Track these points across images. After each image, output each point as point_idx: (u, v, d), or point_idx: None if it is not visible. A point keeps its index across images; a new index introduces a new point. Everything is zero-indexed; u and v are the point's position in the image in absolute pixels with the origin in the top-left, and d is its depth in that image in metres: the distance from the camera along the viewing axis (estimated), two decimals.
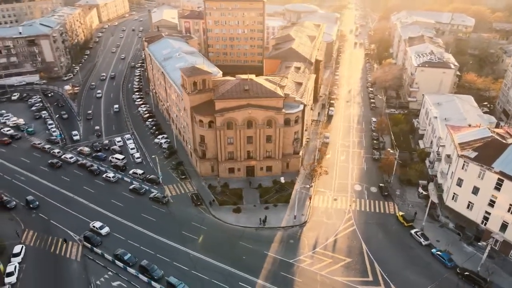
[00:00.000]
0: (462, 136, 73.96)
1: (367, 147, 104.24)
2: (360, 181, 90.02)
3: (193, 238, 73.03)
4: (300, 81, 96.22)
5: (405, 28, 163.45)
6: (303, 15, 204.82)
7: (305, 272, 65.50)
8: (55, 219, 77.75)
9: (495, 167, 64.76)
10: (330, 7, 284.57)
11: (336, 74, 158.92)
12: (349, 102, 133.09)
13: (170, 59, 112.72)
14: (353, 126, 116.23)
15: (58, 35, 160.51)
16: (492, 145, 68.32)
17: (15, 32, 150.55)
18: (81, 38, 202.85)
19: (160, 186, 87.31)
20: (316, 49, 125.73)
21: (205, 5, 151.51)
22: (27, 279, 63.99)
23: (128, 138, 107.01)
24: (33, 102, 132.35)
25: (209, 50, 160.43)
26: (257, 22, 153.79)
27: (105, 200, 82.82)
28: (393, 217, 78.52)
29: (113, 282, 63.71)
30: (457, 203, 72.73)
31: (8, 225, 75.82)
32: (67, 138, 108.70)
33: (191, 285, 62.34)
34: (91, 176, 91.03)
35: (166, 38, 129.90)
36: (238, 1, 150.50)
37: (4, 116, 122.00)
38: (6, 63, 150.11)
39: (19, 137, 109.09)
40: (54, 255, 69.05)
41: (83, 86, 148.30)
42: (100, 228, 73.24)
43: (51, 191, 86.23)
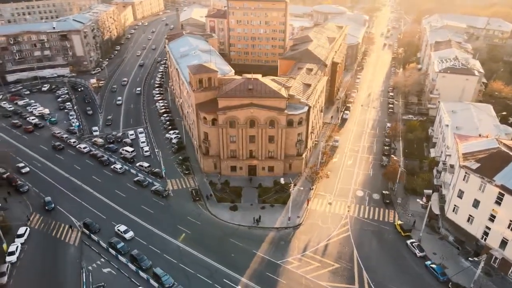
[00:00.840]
0: (467, 146, 70.80)
1: (377, 152, 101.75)
2: (363, 187, 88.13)
3: (186, 232, 74.50)
4: (309, 83, 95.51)
5: (433, 32, 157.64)
6: (331, 17, 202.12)
7: (291, 274, 65.19)
8: (61, 205, 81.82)
9: (497, 180, 61.57)
10: (363, 8, 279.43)
11: (357, 77, 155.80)
12: (366, 106, 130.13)
13: (186, 56, 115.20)
14: (366, 131, 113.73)
15: (89, 31, 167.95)
16: (497, 157, 64.94)
17: (49, 27, 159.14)
18: (114, 34, 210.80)
19: (163, 180, 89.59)
20: (333, 51, 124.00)
21: (229, 4, 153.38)
22: (26, 259, 67.97)
23: (140, 131, 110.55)
24: (60, 93, 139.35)
25: (231, 49, 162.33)
26: (279, 22, 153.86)
27: (110, 190, 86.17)
28: (391, 226, 76.43)
29: (104, 268, 66.34)
30: (457, 216, 69.75)
31: (18, 207, 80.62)
32: (88, 130, 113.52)
33: (176, 277, 63.77)
34: (100, 166, 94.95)
35: (186, 36, 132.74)
36: (261, 1, 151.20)
37: (32, 105, 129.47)
38: (40, 56, 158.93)
39: (42, 126, 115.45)
40: (54, 239, 72.79)
41: (108, 80, 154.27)
42: (124, 232, 72.59)
43: (62, 178, 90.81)
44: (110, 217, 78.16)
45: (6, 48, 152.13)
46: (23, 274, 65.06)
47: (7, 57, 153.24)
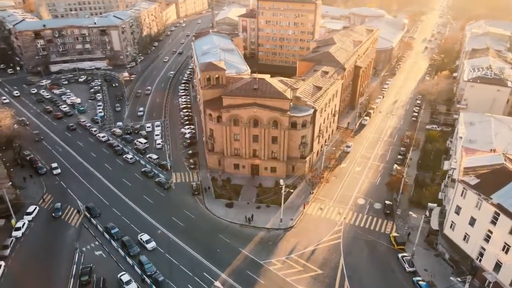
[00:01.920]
0: (472, 160, 66.77)
1: (390, 161, 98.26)
2: (366, 195, 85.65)
3: (180, 225, 76.64)
4: (320, 86, 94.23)
5: (473, 39, 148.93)
6: (368, 20, 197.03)
7: (271, 275, 65.11)
8: (72, 188, 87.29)
9: (494, 199, 57.59)
10: (408, 12, 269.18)
11: (387, 83, 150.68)
12: (389, 113, 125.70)
13: (206, 54, 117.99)
14: (383, 138, 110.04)
15: (127, 27, 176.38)
16: (499, 173, 60.67)
17: (91, 22, 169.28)
18: (153, 31, 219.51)
19: (169, 172, 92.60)
20: (356, 55, 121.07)
21: (258, 4, 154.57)
22: (30, 236, 73.40)
23: (157, 125, 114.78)
24: (93, 85, 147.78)
25: (259, 49, 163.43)
26: (308, 23, 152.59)
27: (117, 178, 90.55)
28: (386, 237, 73.71)
29: (96, 251, 70.04)
30: (454, 233, 66.00)
31: (33, 188, 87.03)
32: (113, 121, 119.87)
33: (159, 267, 65.97)
34: (114, 156, 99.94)
35: (212, 34, 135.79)
36: (291, 2, 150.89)
37: (66, 95, 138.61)
38: (81, 49, 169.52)
39: (70, 114, 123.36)
40: (59, 219, 77.82)
41: (140, 74, 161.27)
42: (146, 242, 70.19)
43: (77, 163, 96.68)
44: (112, 204, 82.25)
45: (51, 40, 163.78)
46: (24, 248, 70.34)
47: (52, 49, 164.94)
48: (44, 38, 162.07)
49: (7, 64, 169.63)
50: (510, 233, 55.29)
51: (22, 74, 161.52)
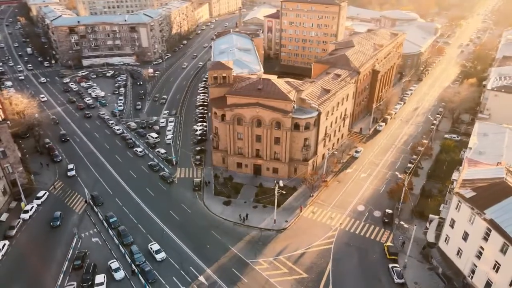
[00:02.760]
0: (472, 172, 63.75)
1: (399, 169, 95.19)
2: (367, 202, 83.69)
3: (175, 218, 78.52)
4: (328, 88, 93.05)
5: (506, 45, 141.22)
6: (398, 23, 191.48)
7: (255, 275, 65.34)
8: (81, 176, 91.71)
9: (487, 214, 54.72)
10: (448, 16, 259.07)
11: (410, 88, 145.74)
12: (407, 120, 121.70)
13: (223, 53, 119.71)
14: (396, 145, 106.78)
15: (156, 25, 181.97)
16: (497, 188, 57.54)
17: (122, 19, 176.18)
18: (184, 30, 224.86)
19: (174, 167, 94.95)
20: (375, 59, 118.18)
21: (282, 5, 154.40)
22: (36, 219, 77.94)
23: (171, 120, 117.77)
24: (118, 79, 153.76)
25: (281, 50, 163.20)
26: (331, 26, 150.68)
27: (125, 170, 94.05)
28: (381, 246, 71.76)
29: (93, 238, 73.27)
30: (448, 247, 63.32)
31: (47, 174, 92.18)
32: (132, 114, 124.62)
33: (148, 258, 67.96)
34: (125, 148, 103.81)
35: (232, 34, 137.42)
36: (314, 4, 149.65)
37: (92, 88, 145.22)
38: (112, 45, 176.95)
39: (93, 107, 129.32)
40: (65, 205, 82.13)
41: (164, 71, 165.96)
42: (156, 252, 67.96)
43: (91, 153, 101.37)
44: (115, 194, 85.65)
45: (84, 36, 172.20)
46: (29, 230, 74.83)
47: (85, 44, 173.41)
48: (78, 33, 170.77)
49: (44, 57, 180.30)
50: (501, 251, 52.32)
51: (57, 67, 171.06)
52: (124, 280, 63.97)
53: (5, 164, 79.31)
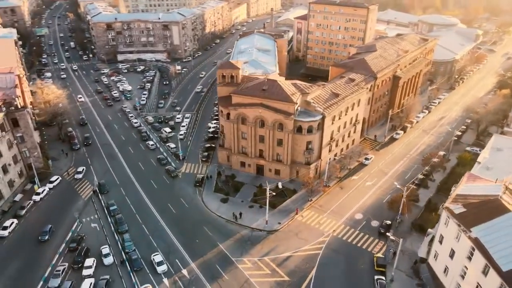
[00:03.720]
0: (468, 187, 60.42)
1: (408, 180, 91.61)
2: (366, 211, 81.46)
3: (172, 211, 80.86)
4: (338, 93, 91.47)
5: None
6: (436, 28, 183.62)
7: (237, 273, 65.93)
8: (94, 164, 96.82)
9: (473, 232, 51.75)
10: (497, 22, 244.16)
11: (439, 97, 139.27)
12: (428, 130, 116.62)
13: (242, 53, 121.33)
14: (411, 155, 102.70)
15: (188, 24, 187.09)
16: (489, 206, 54.19)
17: (156, 17, 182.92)
18: (218, 29, 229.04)
19: (181, 162, 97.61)
20: (397, 64, 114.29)
21: (310, 7, 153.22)
22: (46, 201, 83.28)
23: (187, 116, 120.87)
24: (146, 75, 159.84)
25: (308, 52, 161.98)
26: (358, 29, 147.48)
27: (135, 162, 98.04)
28: (371, 256, 69.72)
29: (92, 224, 77.22)
30: (436, 263, 60.52)
31: (63, 161, 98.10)
32: (154, 109, 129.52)
33: (138, 246, 70.76)
34: (139, 141, 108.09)
35: (255, 34, 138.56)
36: (343, 6, 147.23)
37: (121, 82, 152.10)
38: (145, 41, 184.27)
39: (118, 100, 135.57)
40: (74, 191, 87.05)
41: (191, 68, 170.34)
42: (158, 264, 65.88)
43: (107, 143, 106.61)
44: (121, 183, 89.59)
45: (120, 32, 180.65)
46: (38, 212, 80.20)
47: (120, 40, 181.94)
48: (114, 29, 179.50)
49: (84, 51, 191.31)
50: (483, 272, 49.28)
51: (93, 61, 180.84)
52: (112, 265, 66.95)
53: (22, 149, 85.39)
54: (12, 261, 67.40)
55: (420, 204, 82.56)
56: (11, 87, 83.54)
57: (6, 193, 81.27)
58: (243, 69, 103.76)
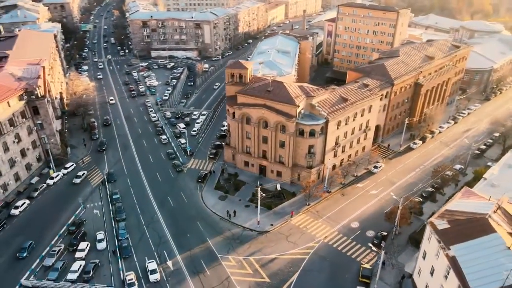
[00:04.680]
0: (458, 203, 57.33)
1: (417, 192, 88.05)
2: (364, 220, 79.24)
3: (170, 204, 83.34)
4: (347, 97, 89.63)
5: None
6: (477, 35, 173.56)
7: (219, 270, 66.82)
8: (108, 154, 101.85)
9: (452, 250, 49.13)
10: None
11: (469, 107, 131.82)
12: (449, 141, 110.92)
13: (262, 54, 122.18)
14: (425, 167, 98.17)
15: (220, 23, 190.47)
16: (474, 224, 51.15)
17: (189, 16, 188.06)
18: (252, 29, 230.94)
19: (189, 158, 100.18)
20: (419, 71, 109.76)
21: (339, 9, 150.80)
22: (58, 186, 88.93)
23: (203, 114, 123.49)
24: (174, 72, 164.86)
25: (335, 55, 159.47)
26: (387, 33, 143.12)
27: (145, 154, 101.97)
28: (358, 266, 67.93)
29: (95, 210, 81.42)
30: (419, 279, 57.92)
31: (81, 150, 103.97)
32: (176, 105, 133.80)
33: (132, 235, 73.86)
34: (154, 135, 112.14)
35: (279, 36, 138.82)
36: (372, 9, 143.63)
37: (149, 77, 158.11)
38: (178, 39, 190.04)
39: (143, 94, 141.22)
40: (85, 179, 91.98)
41: (219, 67, 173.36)
42: (151, 272, 64.30)
43: (123, 134, 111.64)
44: (129, 174, 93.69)
45: (155, 30, 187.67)
46: (49, 195, 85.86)
47: (154, 37, 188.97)
48: (149, 27, 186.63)
49: (122, 47, 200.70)
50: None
51: (129, 57, 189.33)
52: (104, 251, 70.35)
53: (42, 135, 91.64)
54: (18, 238, 72.66)
55: (423, 218, 78.97)
56: (34, 78, 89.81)
57: (23, 175, 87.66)
58: (257, 69, 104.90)
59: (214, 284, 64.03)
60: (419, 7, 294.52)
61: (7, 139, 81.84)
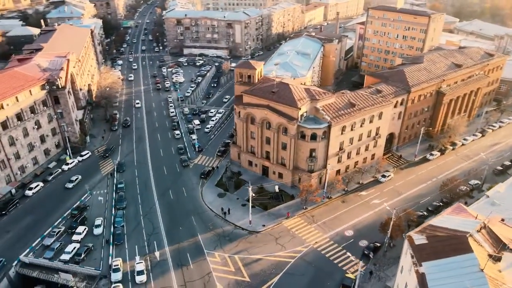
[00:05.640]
0: (445, 219, 54.39)
1: (422, 206, 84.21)
2: (359, 229, 77.09)
3: (170, 197, 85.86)
4: (355, 103, 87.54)
5: None
6: None
7: (203, 265, 68.03)
8: (123, 145, 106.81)
9: (423, 267, 46.92)
10: None
11: (501, 120, 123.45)
12: (472, 155, 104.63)
13: (282, 55, 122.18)
14: (438, 180, 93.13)
15: (252, 23, 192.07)
16: (454, 242, 48.38)
17: (221, 16, 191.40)
18: (287, 30, 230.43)
19: (197, 154, 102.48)
20: (441, 79, 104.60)
21: (368, 12, 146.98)
22: (72, 171, 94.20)
23: (220, 111, 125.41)
24: (202, 69, 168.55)
25: (362, 59, 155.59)
26: (418, 38, 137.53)
27: (157, 148, 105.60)
28: (342, 275, 66.35)
29: (100, 197, 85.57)
30: None
31: (98, 140, 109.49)
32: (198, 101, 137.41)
33: (128, 223, 77.10)
34: (169, 129, 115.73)
35: (303, 37, 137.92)
36: (403, 13, 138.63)
37: (177, 73, 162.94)
38: (210, 38, 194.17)
39: (167, 89, 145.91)
40: (97, 167, 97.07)
41: None
42: (138, 273, 64.06)
43: (140, 127, 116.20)
44: (138, 165, 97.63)
45: (188, 28, 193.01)
46: (62, 179, 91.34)
47: (187, 35, 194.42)
48: (183, 25, 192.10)
49: (157, 43, 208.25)
50: None
51: (162, 53, 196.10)
52: (99, 236, 73.97)
53: (61, 123, 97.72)
54: (28, 217, 78.21)
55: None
56: (58, 69, 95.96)
57: (41, 159, 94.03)
58: (272, 70, 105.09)
59: (195, 278, 65.34)
60: (469, 13, 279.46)
61: (27, 125, 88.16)
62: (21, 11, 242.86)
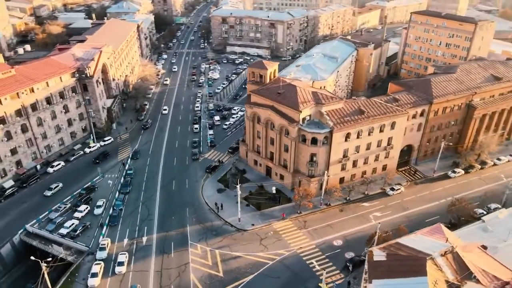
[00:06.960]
0: (416, 238, 51.32)
1: (429, 222, 78.41)
2: (349, 240, 74.44)
3: (171, 187, 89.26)
4: (364, 110, 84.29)
5: None
6: None
7: (183, 255, 70.12)
8: (143, 135, 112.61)
9: (373, 285, 44.78)
10: None
11: None
12: (499, 176, 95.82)
13: (309, 56, 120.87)
14: (453, 198, 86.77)
15: (296, 24, 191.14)
16: (412, 264, 45.58)
17: (265, 15, 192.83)
18: (335, 32, 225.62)
19: (209, 148, 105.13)
20: (473, 92, 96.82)
21: (411, 17, 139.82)
22: (92, 154, 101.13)
23: (243, 110, 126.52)
24: (239, 67, 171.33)
25: (403, 66, 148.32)
26: (462, 47, 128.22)
27: (174, 140, 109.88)
28: (317, 284, 64.80)
29: (109, 180, 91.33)
30: None
31: (120, 129, 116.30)
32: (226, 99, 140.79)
33: (127, 208, 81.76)
34: (190, 123, 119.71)
35: (337, 40, 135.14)
36: (447, 19, 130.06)
37: (214, 70, 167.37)
38: (253, 37, 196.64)
39: (201, 85, 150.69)
40: (116, 152, 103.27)
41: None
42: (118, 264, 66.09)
43: (163, 121, 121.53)
44: (152, 154, 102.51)
45: (232, 26, 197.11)
46: (82, 160, 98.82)
47: (231, 33, 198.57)
48: (228, 23, 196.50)
49: (204, 40, 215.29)
50: None
51: (206, 50, 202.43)
52: (98, 216, 79.22)
53: (89, 109, 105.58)
54: (43, 192, 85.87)
55: None
56: (89, 60, 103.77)
57: (67, 141, 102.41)
58: (291, 71, 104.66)
59: (172, 266, 67.68)
60: None
61: (56, 108, 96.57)
62: (88, 5, 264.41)
